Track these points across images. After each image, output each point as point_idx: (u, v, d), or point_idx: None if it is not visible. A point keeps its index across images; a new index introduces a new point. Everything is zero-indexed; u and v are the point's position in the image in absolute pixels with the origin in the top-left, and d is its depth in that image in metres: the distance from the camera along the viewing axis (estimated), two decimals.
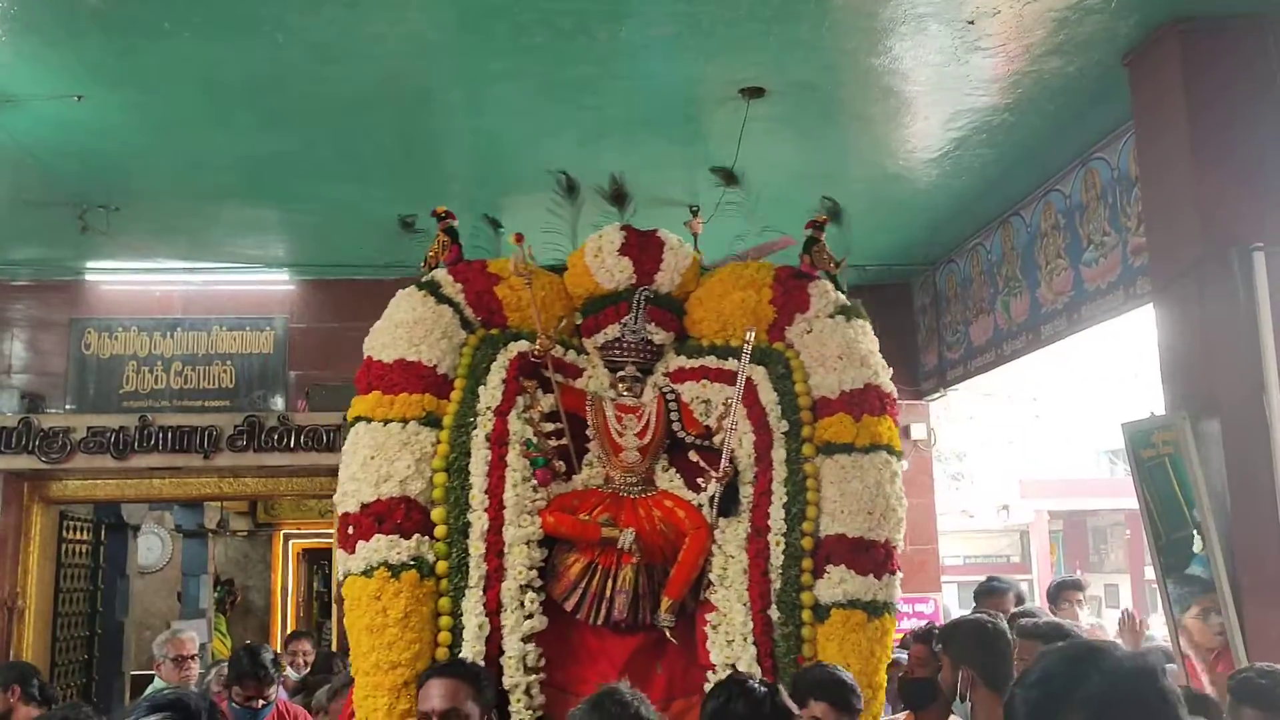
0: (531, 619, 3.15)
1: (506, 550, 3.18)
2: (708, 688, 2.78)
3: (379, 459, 3.21)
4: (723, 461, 3.36)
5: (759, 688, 2.46)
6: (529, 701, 3.08)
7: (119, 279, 7.69)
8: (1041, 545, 11.93)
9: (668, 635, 3.29)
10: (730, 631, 3.22)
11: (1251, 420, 3.96)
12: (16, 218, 6.43)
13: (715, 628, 3.25)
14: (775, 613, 3.22)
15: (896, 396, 3.56)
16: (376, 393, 3.32)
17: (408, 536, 3.14)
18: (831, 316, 3.55)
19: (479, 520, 3.20)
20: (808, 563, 3.27)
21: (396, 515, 3.15)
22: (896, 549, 3.35)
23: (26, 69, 4.61)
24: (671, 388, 3.57)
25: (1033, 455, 10.60)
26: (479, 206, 3.76)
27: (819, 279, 3.63)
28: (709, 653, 3.23)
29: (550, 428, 3.43)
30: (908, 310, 8.13)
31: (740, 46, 4.51)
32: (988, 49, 4.52)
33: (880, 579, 3.26)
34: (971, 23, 4.30)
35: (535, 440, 3.35)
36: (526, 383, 3.41)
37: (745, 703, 2.40)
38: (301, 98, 4.98)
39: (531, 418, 3.37)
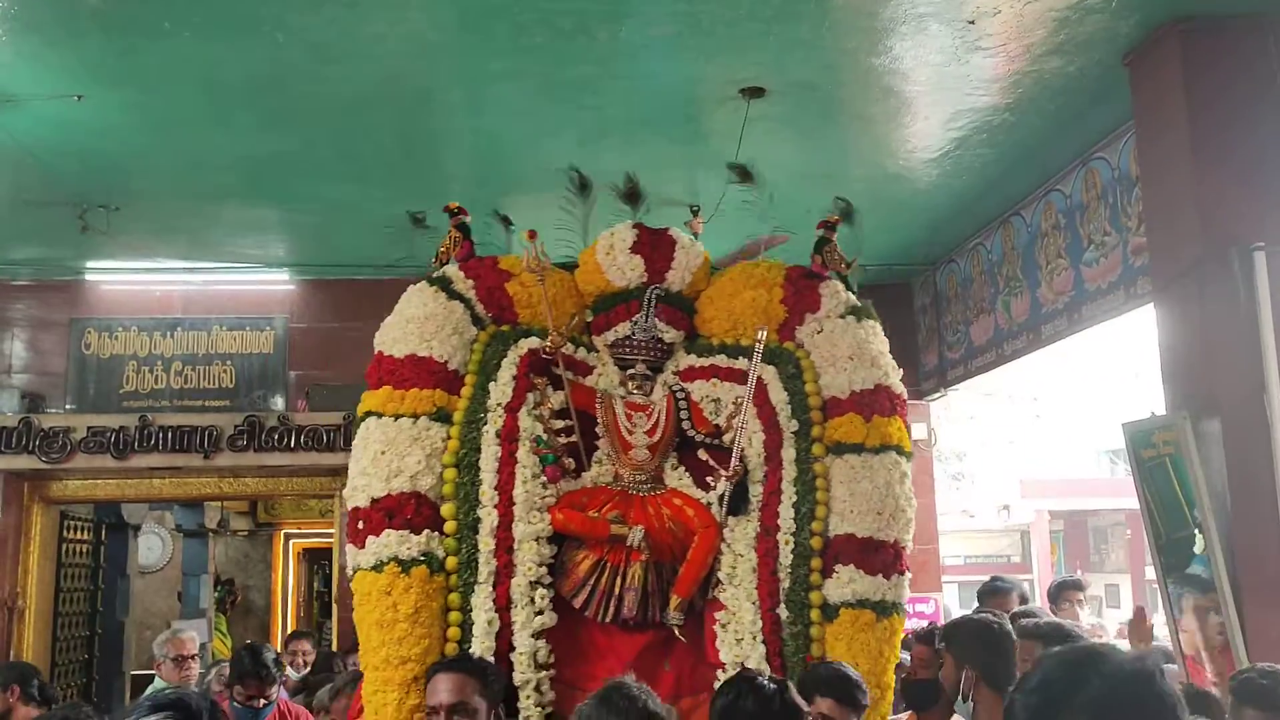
0: (542, 615, 3.15)
1: (516, 546, 3.17)
2: (717, 685, 2.77)
3: (390, 454, 3.19)
4: (733, 460, 3.36)
5: (768, 684, 2.44)
6: (539, 698, 3.08)
7: (119, 279, 7.70)
8: (1042, 545, 11.91)
9: (676, 633, 3.29)
10: (739, 630, 3.22)
11: (1252, 420, 3.96)
12: (17, 217, 6.43)
13: (724, 626, 3.25)
14: (784, 612, 3.21)
15: (907, 397, 3.56)
16: (387, 388, 3.30)
17: (418, 532, 3.12)
18: (842, 317, 3.54)
19: (488, 516, 3.19)
20: (816, 562, 3.26)
21: (407, 510, 3.13)
22: (906, 549, 3.34)
23: (27, 69, 4.62)
24: (681, 386, 3.56)
25: (1033, 455, 10.59)
26: (479, 206, 3.74)
27: (830, 279, 3.62)
28: (718, 651, 3.23)
29: (560, 425, 3.42)
30: (908, 310, 8.12)
31: (740, 46, 4.51)
32: (988, 49, 4.51)
33: (889, 579, 3.25)
34: (972, 22, 4.30)
35: (545, 437, 3.33)
36: (537, 380, 3.40)
37: (755, 699, 2.38)
38: (301, 98, 4.98)
39: (542, 414, 3.36)
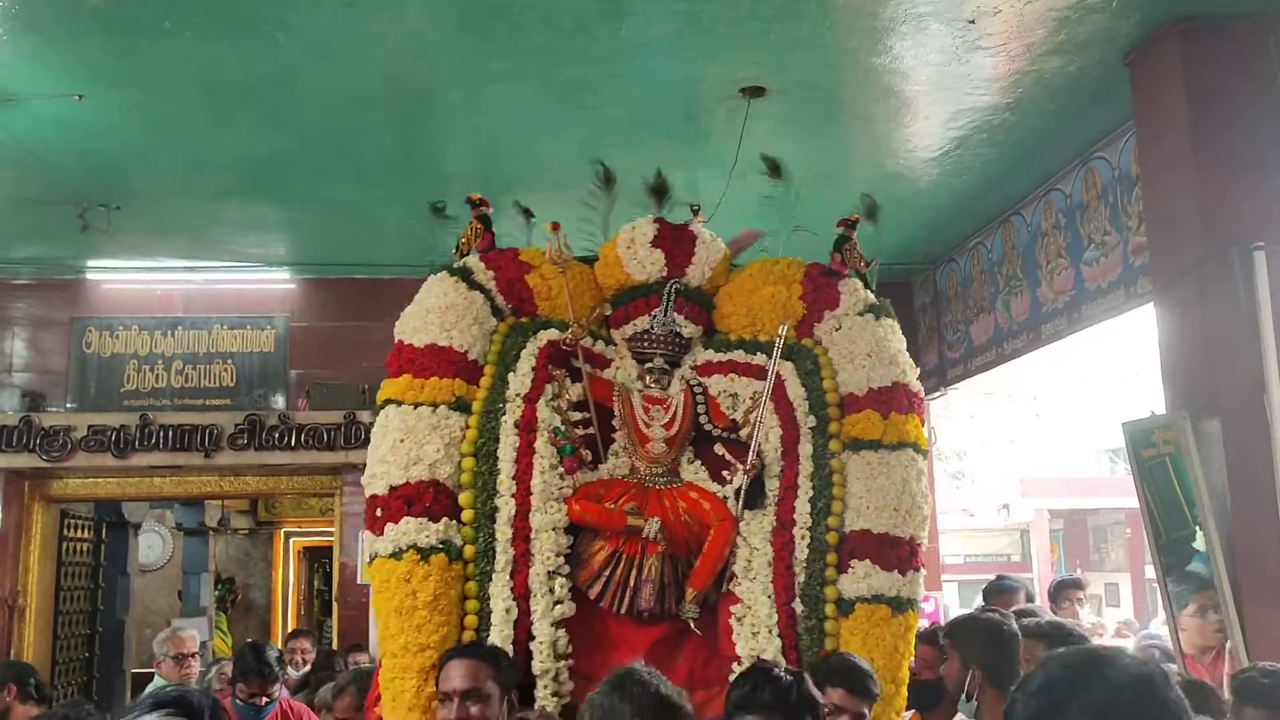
0: (561, 605, 3.16)
1: (533, 536, 3.19)
2: (731, 678, 2.77)
3: (409, 442, 3.20)
4: (750, 454, 3.37)
5: (785, 676, 2.43)
6: (557, 688, 3.08)
7: (120, 278, 7.70)
8: (1042, 544, 11.91)
9: (691, 626, 3.30)
10: (755, 624, 3.23)
11: (1252, 420, 3.96)
12: (17, 217, 6.43)
13: (740, 620, 3.26)
14: (799, 606, 3.23)
15: (926, 396, 3.56)
16: (407, 376, 3.32)
17: (436, 520, 3.13)
18: (861, 314, 3.56)
19: (506, 505, 3.21)
20: (832, 557, 3.28)
21: (425, 498, 3.15)
22: (921, 546, 3.38)
23: (27, 68, 4.62)
24: (699, 381, 3.58)
25: (1033, 454, 10.57)
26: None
27: (849, 277, 3.64)
28: (733, 644, 3.24)
29: (578, 417, 3.43)
30: (908, 309, 8.11)
31: (741, 45, 4.51)
32: (988, 48, 4.51)
33: (905, 575, 3.28)
34: (972, 22, 4.30)
35: (563, 428, 3.35)
36: (556, 371, 3.41)
37: (771, 691, 2.38)
38: (301, 98, 4.98)
39: (560, 406, 3.38)
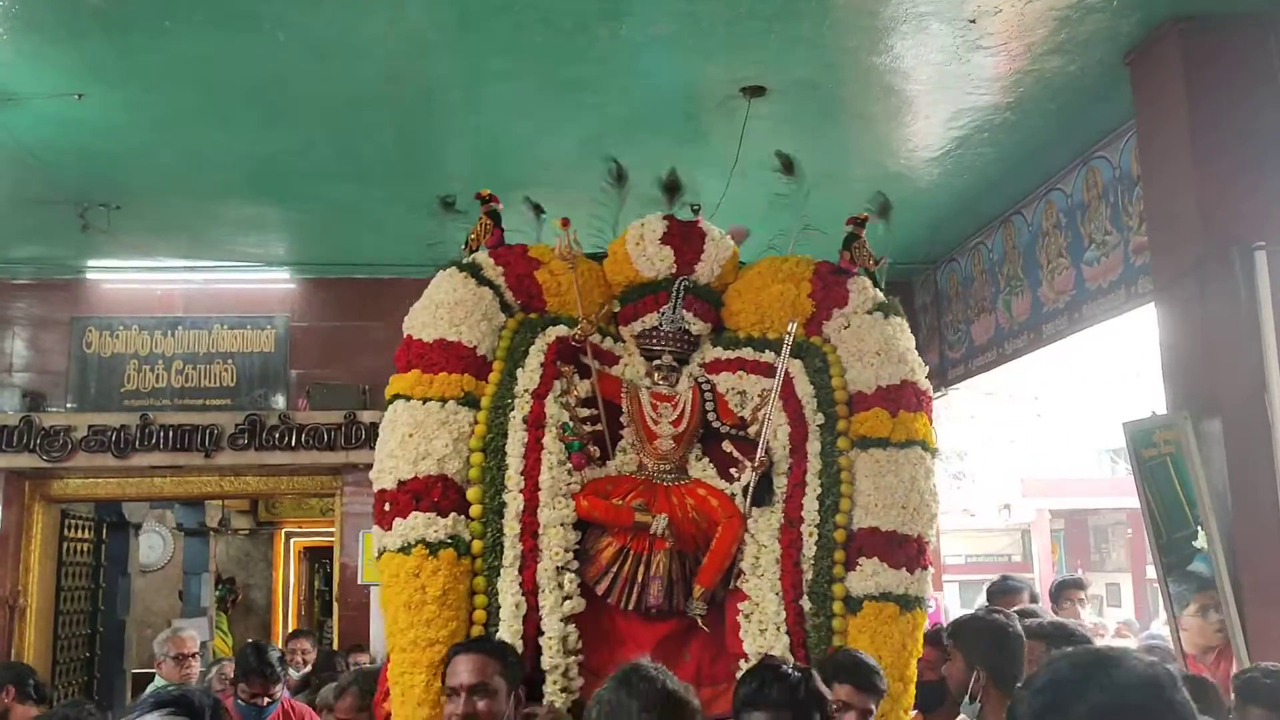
0: (571, 600, 3.17)
1: (541, 531, 3.20)
2: (738, 675, 2.76)
3: (417, 437, 3.21)
4: (759, 451, 3.38)
5: (793, 673, 2.43)
6: (566, 683, 3.08)
7: (120, 277, 7.70)
8: (1043, 544, 11.88)
9: (699, 623, 3.30)
10: (763, 621, 3.23)
11: (1253, 420, 3.95)
12: (17, 216, 6.43)
13: (748, 617, 3.27)
14: (807, 603, 3.23)
15: (933, 395, 3.56)
16: (416, 371, 3.32)
17: (444, 515, 3.14)
18: (870, 313, 3.56)
19: (514, 501, 3.22)
20: (840, 554, 3.28)
21: (434, 493, 3.15)
22: (929, 544, 3.38)
23: (27, 67, 4.62)
24: (707, 378, 3.58)
25: (1034, 454, 10.55)
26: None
27: (858, 275, 3.64)
28: (740, 641, 3.24)
29: (586, 413, 3.44)
30: (909, 309, 8.01)
31: (741, 45, 4.50)
32: (989, 48, 4.51)
33: (913, 573, 3.29)
34: (973, 21, 4.29)
35: (571, 424, 3.36)
36: (564, 367, 3.42)
37: (779, 688, 2.37)
38: (302, 97, 4.98)
39: (568, 402, 3.38)
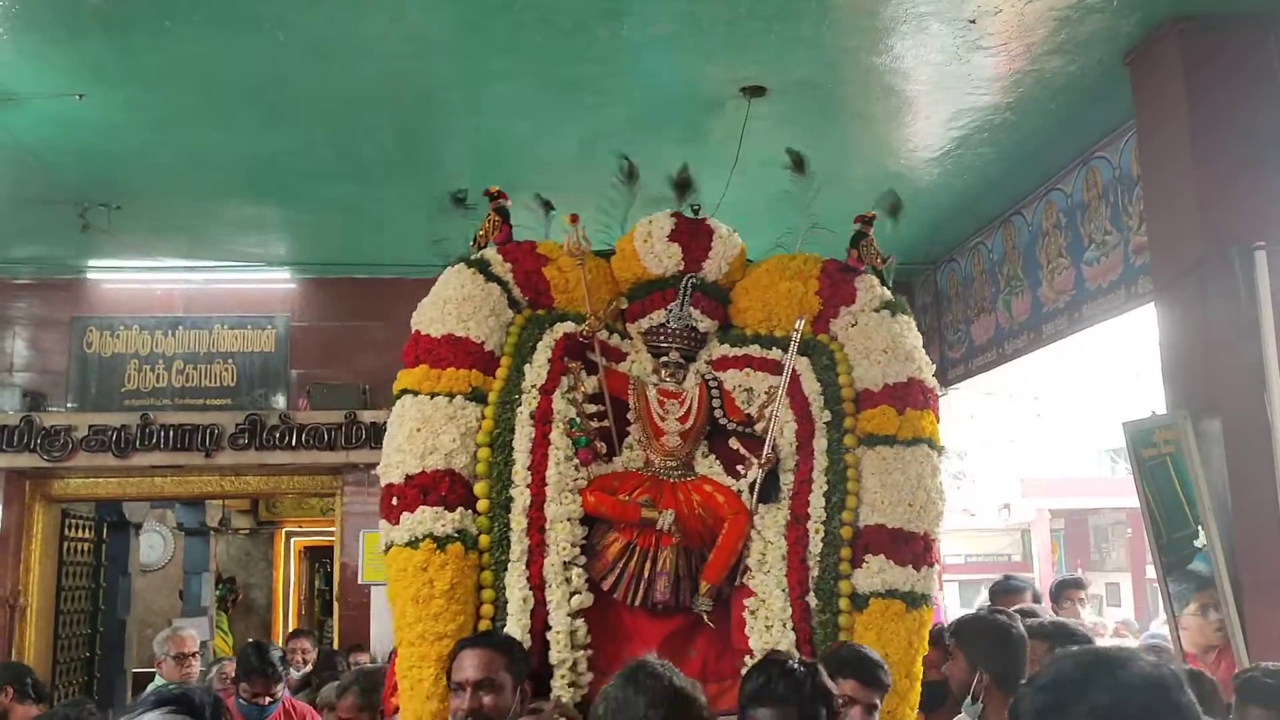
0: (579, 595, 3.17)
1: (548, 526, 3.19)
2: (744, 672, 2.76)
3: (425, 431, 3.21)
4: (765, 448, 3.38)
5: (799, 667, 2.42)
6: (574, 678, 3.08)
7: (120, 277, 7.70)
8: (1043, 544, 11.89)
9: (705, 619, 3.30)
10: (769, 617, 3.23)
11: (1252, 419, 3.95)
12: (18, 216, 6.43)
13: (754, 613, 3.26)
14: (813, 600, 3.23)
15: (940, 392, 3.57)
16: (424, 366, 3.32)
17: (452, 509, 3.14)
18: (877, 311, 3.56)
19: (521, 496, 3.22)
20: (846, 551, 3.28)
21: (441, 488, 3.15)
22: (936, 542, 3.37)
23: (28, 67, 4.62)
24: (714, 375, 3.59)
25: (1034, 454, 10.55)
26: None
27: (865, 273, 3.65)
28: (746, 637, 3.24)
29: (593, 409, 3.44)
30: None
31: (741, 45, 4.50)
32: (989, 48, 4.51)
33: (919, 570, 3.27)
34: (973, 21, 4.30)
35: (578, 420, 3.36)
36: (571, 364, 3.42)
37: (785, 683, 2.36)
38: (302, 97, 4.98)
39: (575, 398, 3.38)
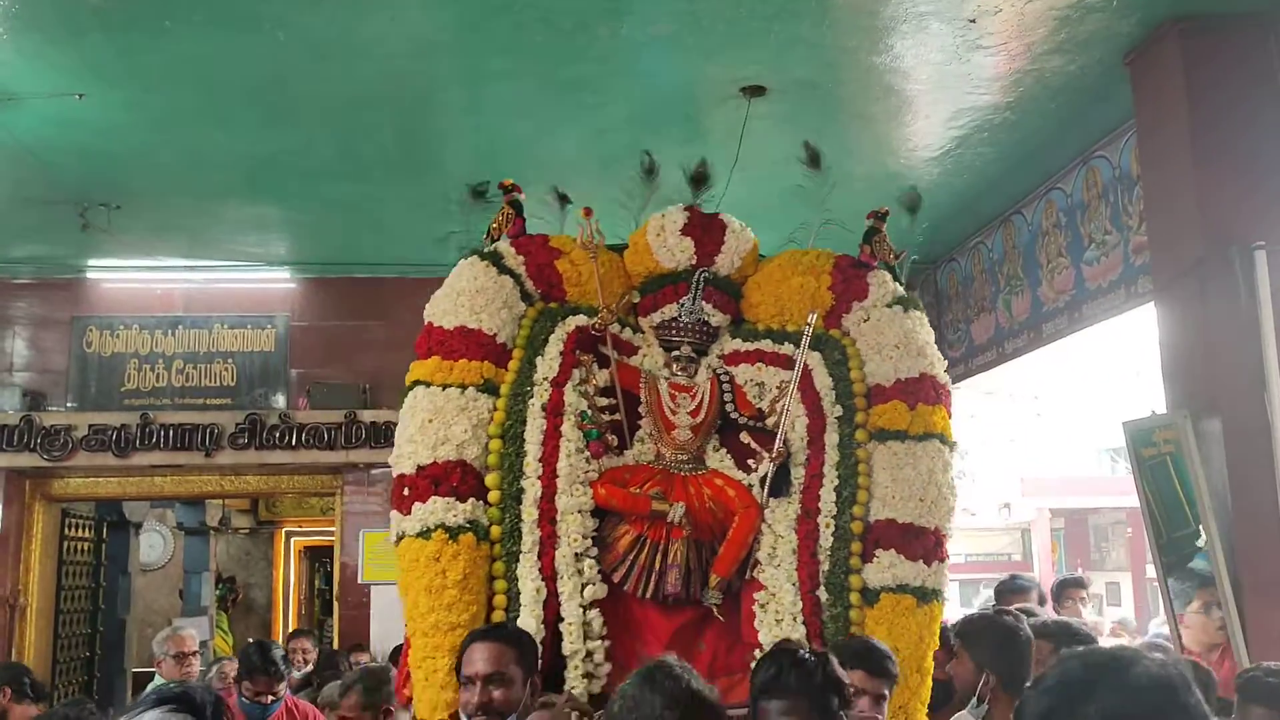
0: (591, 586, 3.17)
1: (559, 518, 3.21)
2: (755, 662, 2.76)
3: (437, 422, 3.22)
4: (777, 442, 3.39)
5: (810, 658, 2.42)
6: (588, 669, 3.09)
7: (120, 277, 7.70)
8: (1043, 543, 11.88)
9: (715, 613, 3.31)
10: (780, 611, 3.24)
11: (1252, 419, 3.96)
12: (18, 216, 6.43)
13: (764, 606, 3.27)
14: (824, 594, 3.24)
15: (952, 388, 3.57)
16: (436, 358, 3.33)
17: (463, 500, 3.15)
18: (889, 306, 3.57)
19: (532, 487, 3.23)
20: (857, 546, 3.29)
21: (453, 478, 3.16)
22: (947, 537, 3.37)
23: (28, 67, 4.62)
24: (726, 369, 3.59)
25: (1034, 453, 10.54)
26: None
27: (878, 269, 3.65)
28: (756, 631, 3.24)
29: (604, 402, 3.45)
30: None
31: (741, 44, 4.51)
32: (989, 48, 4.51)
33: (930, 565, 3.28)
34: (973, 21, 4.30)
35: (590, 413, 3.37)
36: (583, 356, 3.43)
37: (797, 674, 2.36)
38: (302, 97, 4.99)
39: (587, 391, 3.40)
